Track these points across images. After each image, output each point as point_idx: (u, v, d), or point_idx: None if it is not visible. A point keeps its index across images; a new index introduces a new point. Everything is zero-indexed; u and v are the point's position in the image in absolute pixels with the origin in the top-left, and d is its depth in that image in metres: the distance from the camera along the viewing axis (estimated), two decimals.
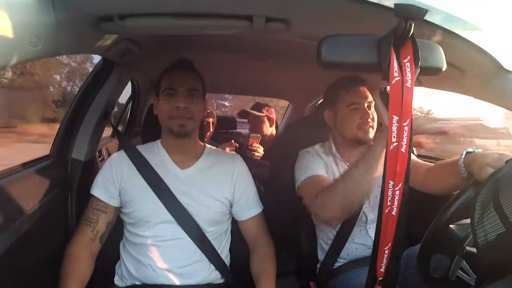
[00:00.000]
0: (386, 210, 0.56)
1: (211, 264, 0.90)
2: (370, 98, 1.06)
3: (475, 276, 0.64)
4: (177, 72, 0.94)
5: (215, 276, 0.91)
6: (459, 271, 0.67)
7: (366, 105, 1.04)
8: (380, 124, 1.09)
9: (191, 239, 0.88)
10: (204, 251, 0.89)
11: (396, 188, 0.55)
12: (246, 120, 2.09)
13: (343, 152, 1.10)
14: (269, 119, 2.00)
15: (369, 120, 1.03)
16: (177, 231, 0.87)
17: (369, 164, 0.82)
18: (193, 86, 0.92)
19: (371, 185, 0.84)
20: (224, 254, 0.95)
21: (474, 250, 0.62)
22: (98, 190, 0.91)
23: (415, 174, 1.01)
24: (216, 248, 0.91)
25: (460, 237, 0.67)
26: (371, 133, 1.04)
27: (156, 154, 0.95)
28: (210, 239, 0.90)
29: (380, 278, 0.59)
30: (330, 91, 1.13)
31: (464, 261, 0.66)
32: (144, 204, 0.88)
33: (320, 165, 1.05)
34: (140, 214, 0.88)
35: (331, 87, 1.13)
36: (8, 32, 0.51)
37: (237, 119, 2.56)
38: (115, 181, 0.91)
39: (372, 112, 1.05)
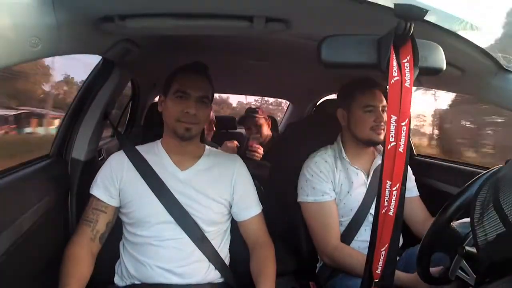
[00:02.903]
0: (383, 211, 0.55)
1: (211, 264, 0.90)
2: (384, 102, 1.07)
3: (475, 276, 0.64)
4: (192, 76, 0.92)
5: (214, 276, 0.91)
6: (459, 271, 0.67)
7: (380, 108, 1.06)
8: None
9: (191, 239, 0.88)
10: (204, 251, 0.89)
11: (394, 188, 0.54)
12: None
13: (351, 155, 1.11)
14: (267, 120, 2.04)
15: (382, 123, 1.05)
16: (177, 231, 0.87)
17: None
18: (205, 93, 0.91)
19: None
20: (224, 253, 0.95)
21: (474, 250, 0.62)
22: (98, 190, 0.91)
23: (416, 218, 1.10)
24: (216, 247, 0.91)
25: (460, 237, 0.67)
26: (382, 135, 1.06)
27: (156, 154, 0.95)
28: (209, 239, 0.90)
29: (376, 280, 0.58)
30: (345, 90, 1.14)
31: (464, 261, 0.66)
32: (143, 204, 0.88)
33: (327, 184, 1.07)
34: (139, 215, 0.88)
35: (346, 87, 1.14)
36: (8, 33, 0.51)
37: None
38: (115, 181, 0.91)
39: (385, 115, 1.06)
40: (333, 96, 1.79)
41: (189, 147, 0.96)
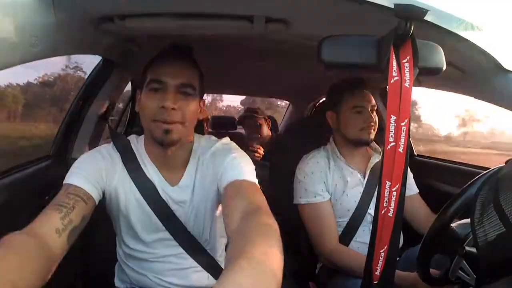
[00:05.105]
0: (383, 211, 0.55)
1: (209, 275, 0.84)
2: (373, 101, 1.08)
3: (475, 276, 0.63)
4: (169, 60, 0.72)
5: (213, 282, 0.87)
6: (459, 271, 0.67)
7: (369, 108, 1.06)
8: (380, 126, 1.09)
9: (185, 250, 0.80)
10: (202, 263, 0.82)
11: (393, 189, 0.54)
12: None
13: (345, 154, 1.11)
14: (266, 120, 2.04)
15: (372, 123, 1.06)
16: (171, 242, 0.80)
17: None
18: (188, 81, 0.70)
19: None
20: (222, 259, 0.88)
21: (474, 250, 0.62)
22: (78, 178, 0.67)
23: (418, 215, 1.09)
24: (214, 256, 0.85)
25: (460, 237, 0.66)
26: (372, 135, 1.07)
27: (141, 162, 0.77)
28: (207, 249, 0.83)
29: (375, 282, 0.58)
30: (333, 92, 1.14)
31: (464, 261, 0.65)
32: (136, 214, 0.77)
33: (319, 185, 1.07)
34: (133, 226, 0.79)
35: (335, 89, 1.14)
36: (8, 33, 0.52)
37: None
38: (103, 178, 0.73)
39: (374, 115, 1.07)
40: None
41: (176, 156, 0.75)
